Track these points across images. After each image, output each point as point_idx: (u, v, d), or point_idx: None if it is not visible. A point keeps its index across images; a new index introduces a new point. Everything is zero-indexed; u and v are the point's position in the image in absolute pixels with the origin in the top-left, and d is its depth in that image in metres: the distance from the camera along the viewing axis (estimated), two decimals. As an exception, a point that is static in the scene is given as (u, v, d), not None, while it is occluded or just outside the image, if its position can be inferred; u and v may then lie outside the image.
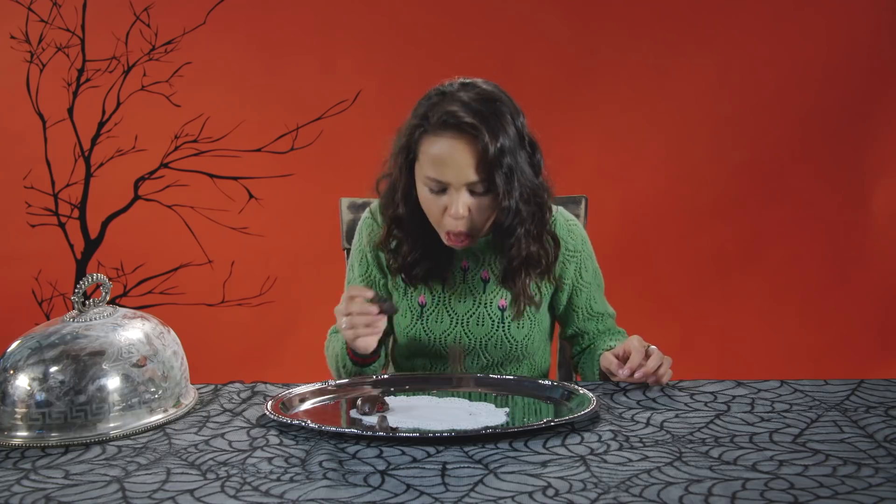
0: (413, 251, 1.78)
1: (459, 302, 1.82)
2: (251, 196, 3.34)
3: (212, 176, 3.33)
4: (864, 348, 3.34)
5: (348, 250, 2.06)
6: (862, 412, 1.42)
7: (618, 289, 3.29)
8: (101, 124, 3.31)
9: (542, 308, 1.84)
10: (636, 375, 1.57)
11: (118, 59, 3.30)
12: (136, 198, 3.34)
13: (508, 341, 1.81)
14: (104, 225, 3.34)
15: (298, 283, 3.32)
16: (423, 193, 1.72)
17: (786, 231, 3.35)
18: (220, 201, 3.34)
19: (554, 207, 1.83)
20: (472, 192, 1.68)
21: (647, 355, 1.59)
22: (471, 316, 1.81)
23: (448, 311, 1.82)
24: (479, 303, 1.81)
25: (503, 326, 1.81)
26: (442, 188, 1.68)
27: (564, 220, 1.86)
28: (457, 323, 1.81)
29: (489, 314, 1.81)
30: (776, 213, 3.35)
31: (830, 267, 3.36)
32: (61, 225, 3.34)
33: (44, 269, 3.33)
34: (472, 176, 1.66)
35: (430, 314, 1.83)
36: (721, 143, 3.32)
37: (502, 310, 1.81)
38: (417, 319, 1.83)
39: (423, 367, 1.86)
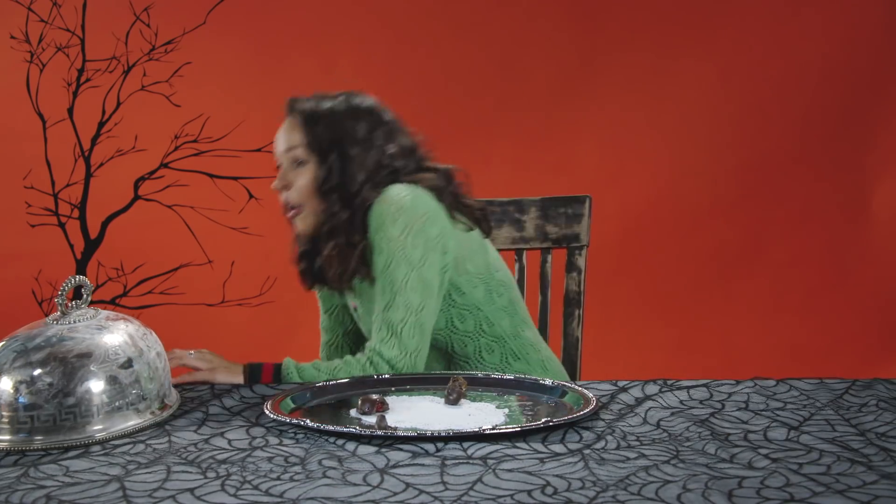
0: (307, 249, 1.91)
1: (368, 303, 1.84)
2: (251, 196, 3.34)
3: (212, 176, 3.34)
4: (863, 349, 3.33)
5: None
6: (855, 410, 1.43)
7: (618, 288, 3.30)
8: (101, 124, 3.31)
9: None
10: None
11: (118, 59, 3.30)
12: (136, 198, 3.34)
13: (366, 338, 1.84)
14: (104, 225, 3.34)
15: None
16: None
17: (786, 231, 3.35)
18: (220, 201, 3.34)
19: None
20: (297, 164, 1.77)
21: None
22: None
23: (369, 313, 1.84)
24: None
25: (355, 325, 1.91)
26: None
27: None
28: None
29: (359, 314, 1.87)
30: (776, 213, 3.35)
31: (830, 267, 3.36)
32: (61, 225, 3.34)
33: (44, 269, 3.33)
34: (287, 143, 1.77)
35: (360, 317, 1.88)
36: (721, 143, 3.32)
37: (355, 310, 1.87)
38: (352, 323, 1.94)
39: None
